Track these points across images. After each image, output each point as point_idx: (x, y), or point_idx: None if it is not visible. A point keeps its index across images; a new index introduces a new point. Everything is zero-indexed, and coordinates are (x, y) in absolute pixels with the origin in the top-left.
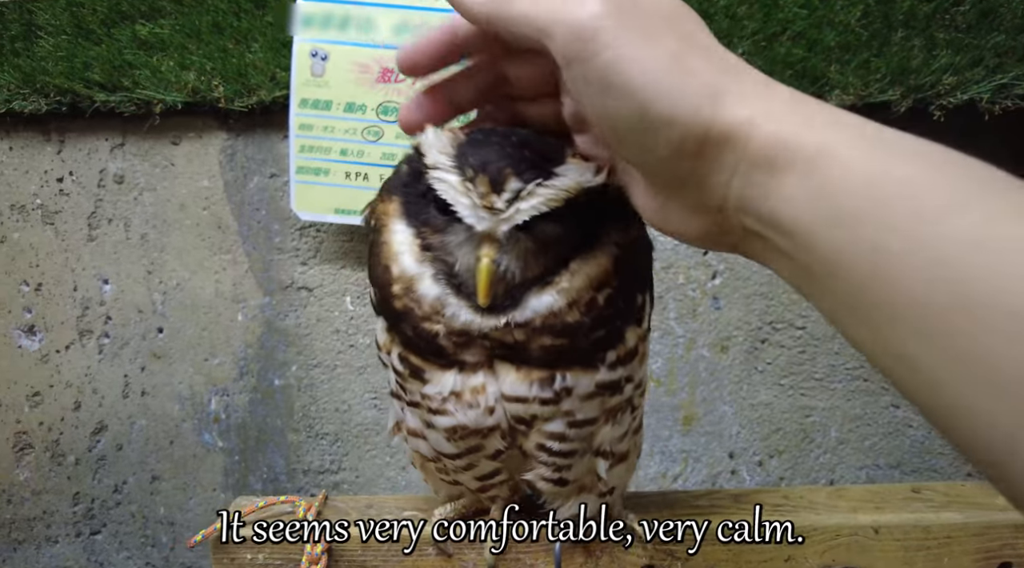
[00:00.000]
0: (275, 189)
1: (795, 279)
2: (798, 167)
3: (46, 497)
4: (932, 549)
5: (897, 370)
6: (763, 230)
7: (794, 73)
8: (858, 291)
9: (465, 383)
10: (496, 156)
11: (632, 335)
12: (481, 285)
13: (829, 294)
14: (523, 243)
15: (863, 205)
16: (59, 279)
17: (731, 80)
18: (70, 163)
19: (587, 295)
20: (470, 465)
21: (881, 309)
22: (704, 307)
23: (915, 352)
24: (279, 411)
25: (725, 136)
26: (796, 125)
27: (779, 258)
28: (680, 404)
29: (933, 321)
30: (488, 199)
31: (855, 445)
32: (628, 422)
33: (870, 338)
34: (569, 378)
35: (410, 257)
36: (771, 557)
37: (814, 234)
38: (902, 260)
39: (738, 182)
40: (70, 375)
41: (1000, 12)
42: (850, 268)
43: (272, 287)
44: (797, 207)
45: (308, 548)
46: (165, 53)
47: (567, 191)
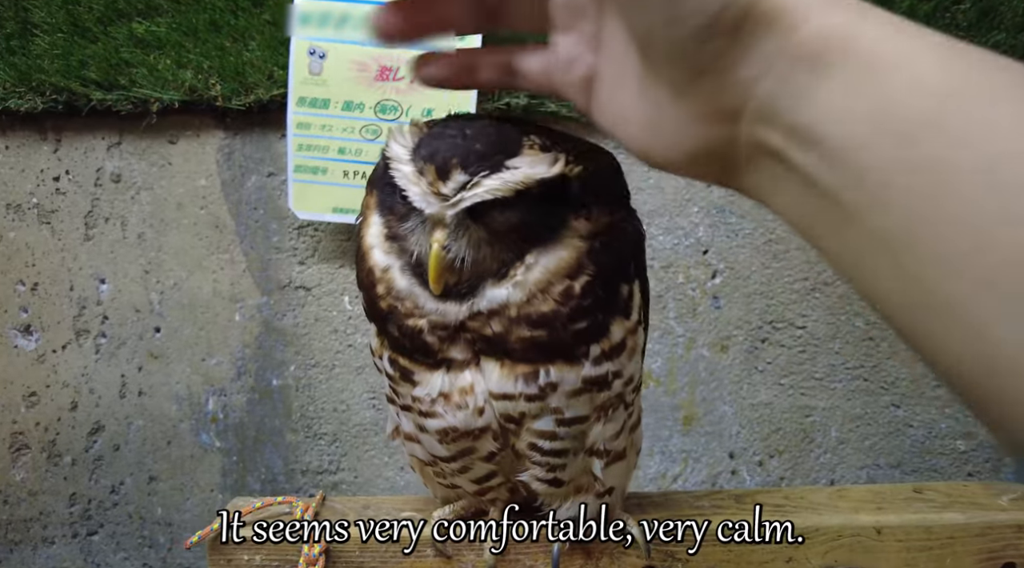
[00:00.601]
0: (273, 188)
1: (807, 210)
2: (853, 67)
3: (43, 498)
4: (934, 550)
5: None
6: (786, 146)
7: None
8: (897, 220)
9: (453, 384)
10: (447, 147)
11: (619, 328)
12: (431, 269)
13: (853, 226)
14: (475, 231)
15: (928, 117)
16: (55, 278)
17: None
18: (66, 162)
19: (557, 284)
20: (465, 468)
21: (924, 244)
22: (704, 306)
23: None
24: (277, 411)
25: (771, 15)
26: (857, 20)
27: (793, 184)
28: (680, 404)
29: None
30: (435, 186)
31: (855, 445)
32: (622, 419)
33: (895, 280)
34: (553, 373)
35: (379, 250)
36: (772, 558)
37: (858, 146)
38: (970, 184)
39: (771, 78)
40: (67, 375)
41: (1000, 11)
42: (894, 190)
43: (270, 286)
44: (843, 112)
45: (305, 549)
46: (162, 51)
47: (515, 183)
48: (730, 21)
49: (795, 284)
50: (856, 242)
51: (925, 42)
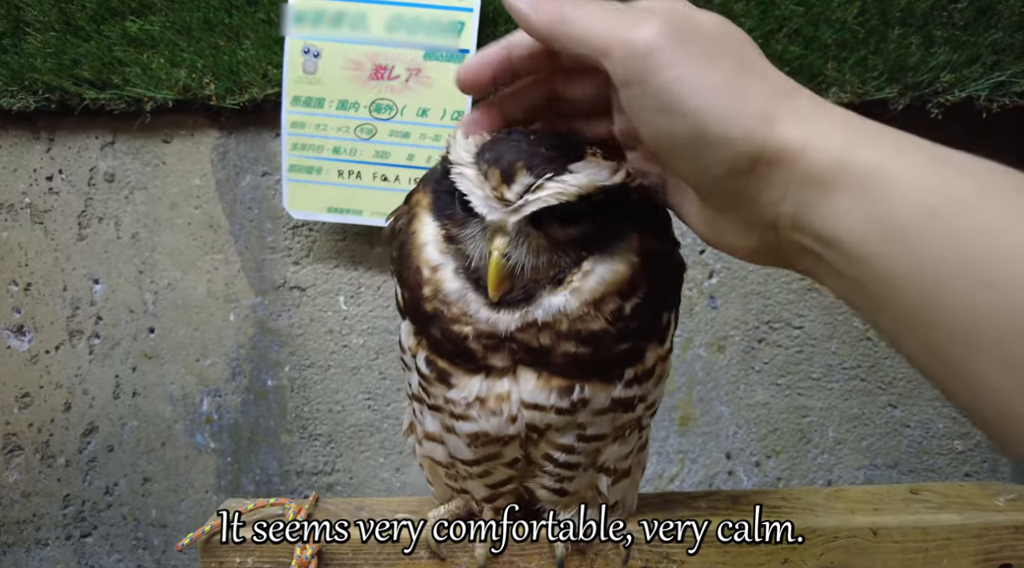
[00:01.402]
0: (267, 188)
1: (848, 296)
2: (851, 185)
3: (36, 499)
4: (931, 551)
5: (961, 391)
6: (816, 247)
7: (791, 71)
8: (914, 308)
9: (491, 389)
10: (511, 152)
11: (652, 354)
12: (491, 276)
13: (884, 311)
14: (535, 239)
15: (918, 221)
16: (49, 279)
17: (785, 102)
18: (60, 161)
19: (610, 302)
20: (486, 472)
21: (938, 326)
22: (701, 306)
23: (979, 374)
24: (272, 412)
25: (778, 156)
26: (849, 144)
27: (831, 275)
28: (677, 404)
29: (996, 340)
30: (499, 190)
31: (853, 445)
32: (634, 441)
33: (933, 359)
34: (587, 390)
35: (434, 248)
36: (769, 559)
37: (868, 250)
38: (959, 276)
39: (790, 200)
40: (60, 376)
41: (997, 9)
42: (905, 284)
43: (264, 287)
44: (851, 224)
45: (297, 551)
46: (156, 50)
47: (579, 187)
48: (745, 166)
49: (792, 284)
50: (887, 322)
51: (911, 154)
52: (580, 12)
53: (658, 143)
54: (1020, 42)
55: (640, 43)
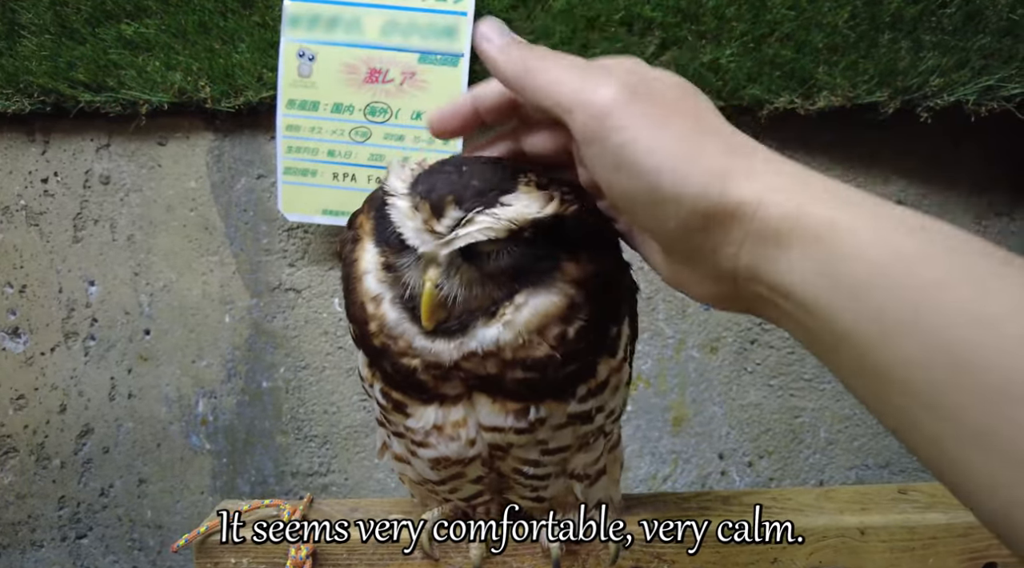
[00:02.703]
0: (262, 190)
1: (807, 342)
2: (804, 240)
3: (31, 501)
4: (917, 550)
5: (904, 434)
6: (773, 297)
7: (782, 74)
8: (863, 359)
9: (446, 417)
10: (443, 184)
11: (604, 367)
12: (423, 306)
13: (837, 359)
14: (466, 271)
15: (865, 276)
16: (44, 281)
17: (738, 160)
18: (55, 164)
19: (552, 329)
20: (454, 489)
21: (885, 376)
22: (694, 308)
23: (918, 419)
24: (267, 413)
25: (731, 213)
26: (801, 200)
27: (791, 323)
28: (670, 405)
29: (934, 390)
30: (429, 224)
31: (844, 445)
32: (601, 446)
33: (877, 404)
34: (542, 410)
35: (373, 278)
36: (758, 559)
37: (820, 303)
38: (902, 329)
39: (746, 254)
40: (55, 378)
41: (985, 14)
42: (854, 336)
43: (260, 288)
44: (804, 278)
45: (292, 551)
46: (151, 53)
47: (509, 221)
48: (699, 222)
49: None
50: (845, 371)
51: (859, 210)
52: (543, 65)
53: (617, 199)
54: (1008, 47)
55: (597, 105)
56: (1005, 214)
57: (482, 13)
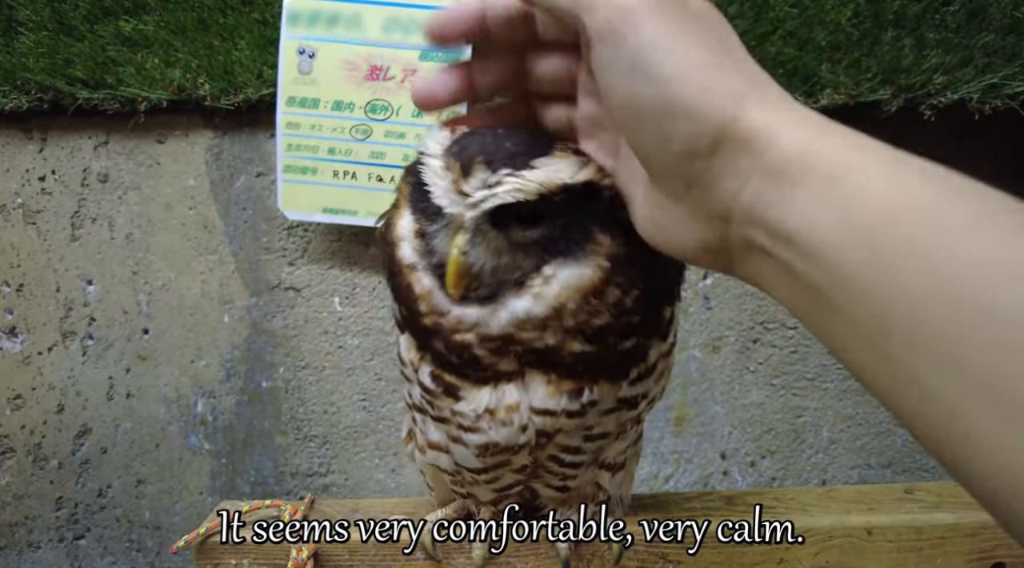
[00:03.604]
0: (262, 188)
1: (797, 298)
2: (816, 180)
3: (28, 502)
4: (925, 550)
5: (907, 397)
6: (769, 243)
7: (785, 72)
8: (871, 313)
9: (500, 400)
10: (475, 146)
11: (655, 351)
12: (449, 273)
13: (836, 315)
14: (494, 239)
15: (880, 221)
16: (41, 280)
17: (758, 89)
18: (52, 161)
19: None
20: (494, 478)
21: (894, 333)
22: (696, 307)
23: (921, 372)
24: (267, 413)
25: (743, 139)
26: (817, 138)
27: (781, 275)
28: (672, 405)
29: (944, 341)
30: (458, 183)
31: (847, 445)
32: (632, 435)
33: (883, 368)
34: (596, 391)
35: (408, 245)
36: (764, 559)
37: (827, 248)
38: (916, 277)
39: (750, 190)
40: (53, 377)
41: (989, 12)
42: (864, 284)
43: (259, 288)
44: (811, 220)
45: (294, 552)
46: (150, 50)
47: (539, 184)
48: (708, 144)
49: None
50: (839, 327)
51: (877, 155)
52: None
53: (623, 110)
54: (1012, 45)
55: (624, 1)
56: None
57: None
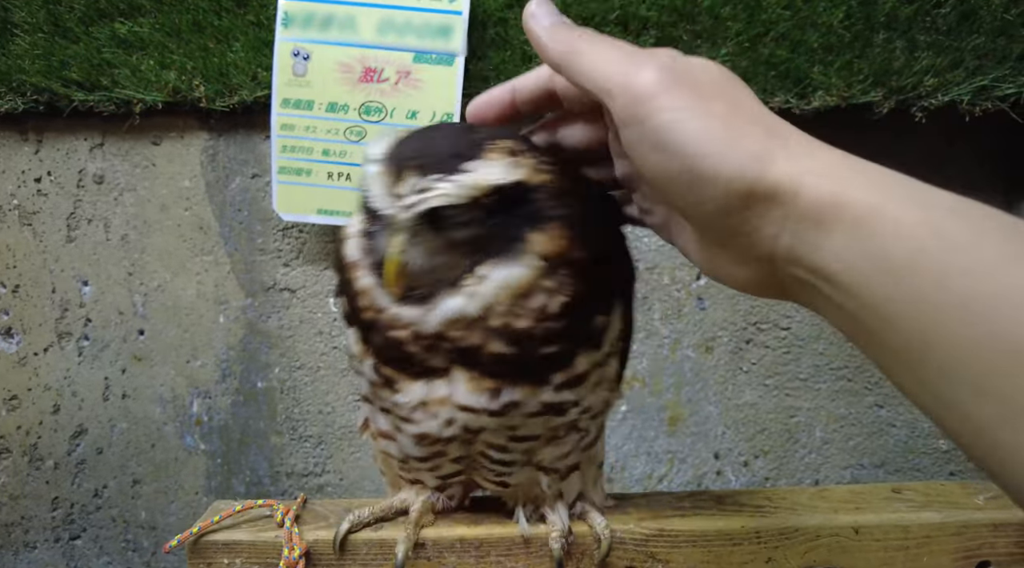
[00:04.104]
0: (257, 189)
1: (847, 328)
2: (847, 222)
3: (24, 502)
4: (911, 549)
5: (947, 420)
6: (813, 280)
7: (777, 74)
8: (909, 344)
9: (431, 394)
10: (409, 150)
11: (585, 360)
12: (386, 272)
13: (881, 346)
14: (429, 240)
15: (913, 259)
16: (37, 281)
17: (778, 141)
18: (48, 163)
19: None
20: (435, 466)
21: (932, 363)
22: (689, 307)
23: (969, 408)
24: (262, 413)
25: (772, 192)
26: (843, 182)
27: (830, 307)
28: (665, 405)
29: (986, 377)
30: (393, 189)
31: (840, 445)
32: (572, 442)
33: (924, 393)
34: (516, 393)
35: (354, 244)
36: (752, 559)
37: (865, 287)
38: (952, 314)
39: (787, 236)
40: (49, 378)
41: (980, 15)
42: (901, 321)
43: (254, 288)
44: (847, 260)
45: (286, 552)
46: (145, 52)
47: (470, 188)
48: (738, 202)
49: None
50: (884, 357)
51: (902, 193)
52: (590, 47)
53: (655, 180)
54: (1002, 47)
55: (640, 87)
56: None
57: (477, 13)
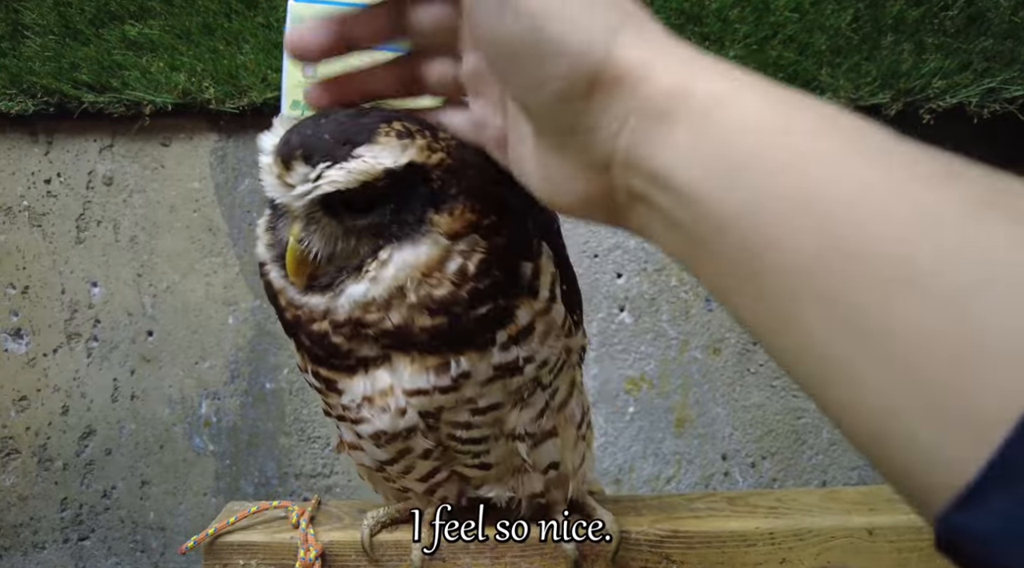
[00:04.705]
0: None
1: (680, 247)
2: (691, 116)
3: (33, 502)
4: (925, 550)
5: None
6: (650, 190)
7: (785, 76)
8: (745, 252)
9: (374, 386)
10: (295, 138)
11: (526, 310)
12: (288, 261)
13: (715, 260)
14: (327, 226)
15: (752, 154)
16: (46, 282)
17: (632, 24)
18: (58, 164)
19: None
20: (408, 468)
21: (768, 271)
22: (697, 309)
23: (802, 317)
24: (270, 415)
25: (617, 78)
26: (693, 74)
27: (664, 224)
28: (673, 406)
29: (822, 281)
30: (282, 177)
31: (847, 446)
32: (541, 401)
33: (758, 309)
34: (464, 362)
35: (262, 243)
36: (766, 559)
37: (702, 188)
38: (790, 213)
39: (627, 134)
40: (58, 379)
41: (987, 17)
42: (737, 225)
43: (263, 290)
44: (687, 159)
45: (301, 552)
46: (155, 54)
47: (360, 173)
48: (581, 87)
49: None
50: (719, 274)
51: (752, 87)
52: None
53: (495, 52)
54: (1010, 49)
55: None
56: None
57: None
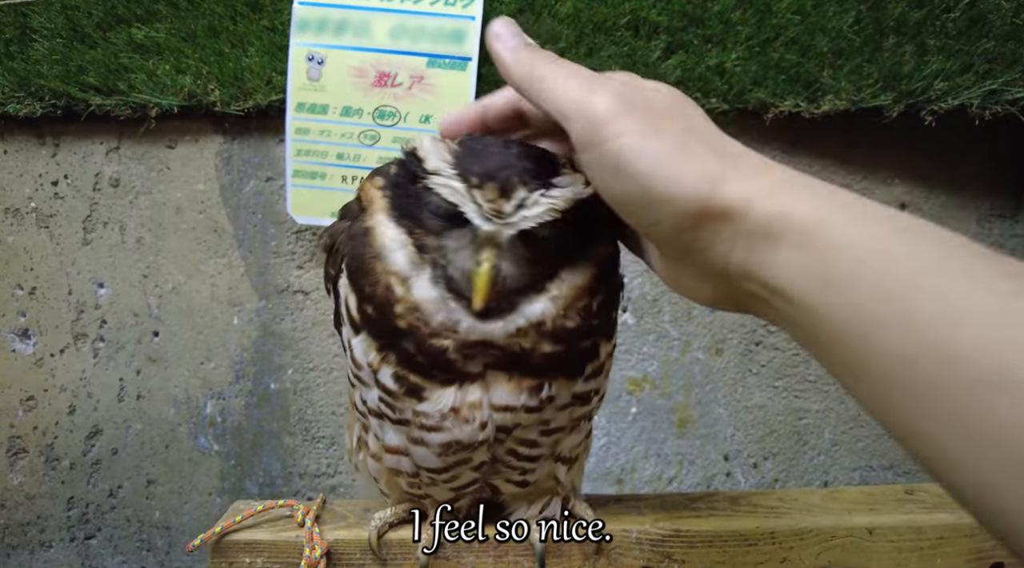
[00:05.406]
0: (271, 193)
1: (801, 340)
2: (793, 238)
3: (40, 502)
4: (925, 550)
5: (896, 430)
6: (766, 295)
7: (787, 78)
8: (855, 356)
9: (464, 399)
10: (500, 165)
11: (604, 349)
12: (479, 288)
13: (830, 356)
14: (520, 250)
15: (850, 272)
16: (53, 282)
17: (729, 163)
18: (65, 166)
19: (580, 302)
20: (453, 477)
21: (874, 374)
22: (699, 310)
23: (908, 412)
24: (275, 415)
25: (722, 212)
26: (791, 199)
27: (786, 321)
28: (675, 406)
29: (918, 385)
30: (497, 204)
31: (849, 446)
32: (585, 430)
33: (870, 401)
34: (554, 387)
35: (403, 257)
36: (767, 559)
37: (811, 299)
38: (886, 325)
39: (738, 252)
40: (65, 379)
41: (989, 19)
42: (842, 332)
43: (268, 291)
44: (794, 275)
45: (307, 551)
46: (161, 57)
47: (566, 201)
48: (690, 221)
49: None
50: (836, 366)
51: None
52: (551, 71)
53: (614, 202)
54: (1012, 51)
55: (595, 113)
56: (1008, 217)
57: (490, 17)
